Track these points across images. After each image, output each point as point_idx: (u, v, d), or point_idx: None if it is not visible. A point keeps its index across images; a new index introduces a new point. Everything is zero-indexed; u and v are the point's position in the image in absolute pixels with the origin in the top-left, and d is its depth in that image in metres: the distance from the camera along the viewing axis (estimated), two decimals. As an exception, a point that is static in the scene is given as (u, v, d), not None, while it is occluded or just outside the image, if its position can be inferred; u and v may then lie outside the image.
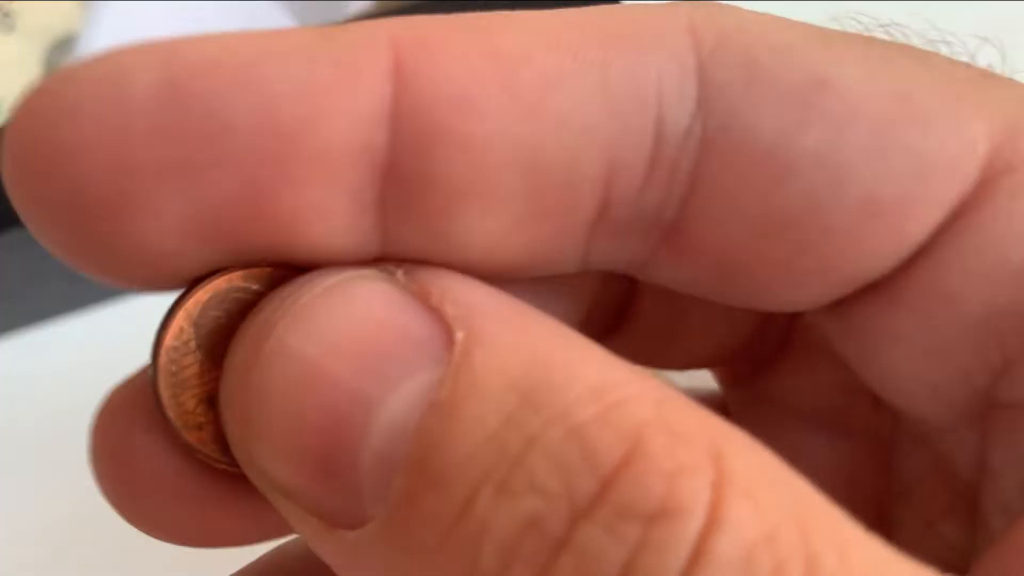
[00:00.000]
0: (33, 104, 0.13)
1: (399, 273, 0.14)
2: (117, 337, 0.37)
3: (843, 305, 0.16)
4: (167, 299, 0.15)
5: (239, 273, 0.15)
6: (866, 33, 0.16)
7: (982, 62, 0.15)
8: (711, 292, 0.16)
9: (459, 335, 0.13)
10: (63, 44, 0.39)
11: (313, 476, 0.14)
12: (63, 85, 0.13)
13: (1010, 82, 0.15)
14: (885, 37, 0.16)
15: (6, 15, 0.38)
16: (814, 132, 0.14)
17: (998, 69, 0.15)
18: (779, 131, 0.14)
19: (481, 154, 0.14)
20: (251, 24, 0.40)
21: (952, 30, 0.32)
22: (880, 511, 0.18)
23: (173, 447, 0.15)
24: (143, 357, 0.17)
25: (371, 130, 0.13)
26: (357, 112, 0.13)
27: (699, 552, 0.12)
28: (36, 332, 0.38)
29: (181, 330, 0.15)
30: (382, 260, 0.14)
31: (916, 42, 0.16)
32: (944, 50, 0.16)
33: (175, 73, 0.13)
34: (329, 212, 0.14)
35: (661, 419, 0.12)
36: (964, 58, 0.15)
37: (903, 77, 0.14)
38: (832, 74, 0.14)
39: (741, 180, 0.14)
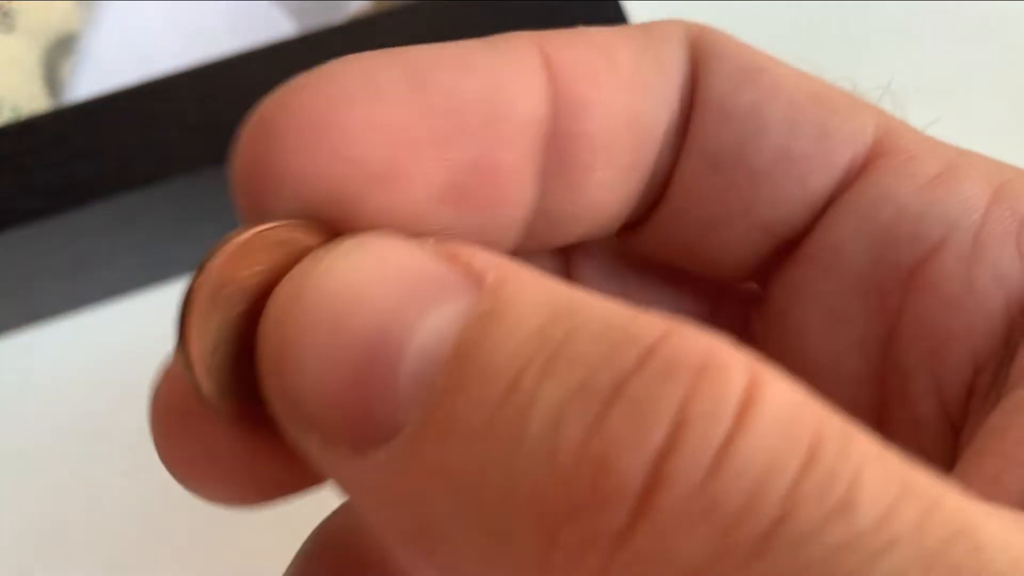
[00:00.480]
0: (292, 96, 0.16)
1: (430, 241, 0.16)
2: (116, 336, 0.37)
3: (766, 273, 0.20)
4: (167, 299, 0.15)
5: (275, 225, 0.16)
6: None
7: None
8: (680, 250, 0.20)
9: (489, 276, 0.15)
10: (63, 44, 0.39)
11: (349, 390, 0.14)
12: (323, 80, 0.16)
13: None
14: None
15: (5, 15, 0.38)
16: (747, 95, 0.19)
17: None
18: (726, 92, 0.19)
19: (607, 116, 0.18)
20: (250, 24, 0.40)
21: (959, 25, 0.32)
22: None
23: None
24: (142, 356, 0.17)
25: (541, 105, 0.18)
26: (532, 94, 0.18)
27: (750, 399, 0.13)
28: (35, 331, 0.38)
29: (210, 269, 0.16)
30: (419, 237, 0.16)
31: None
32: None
33: (416, 66, 0.17)
34: (523, 170, 0.18)
35: (681, 322, 0.14)
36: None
37: (818, 81, 0.19)
38: (768, 67, 0.19)
39: (701, 127, 0.19)
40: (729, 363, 0.13)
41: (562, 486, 0.13)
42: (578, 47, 0.18)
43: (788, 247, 0.19)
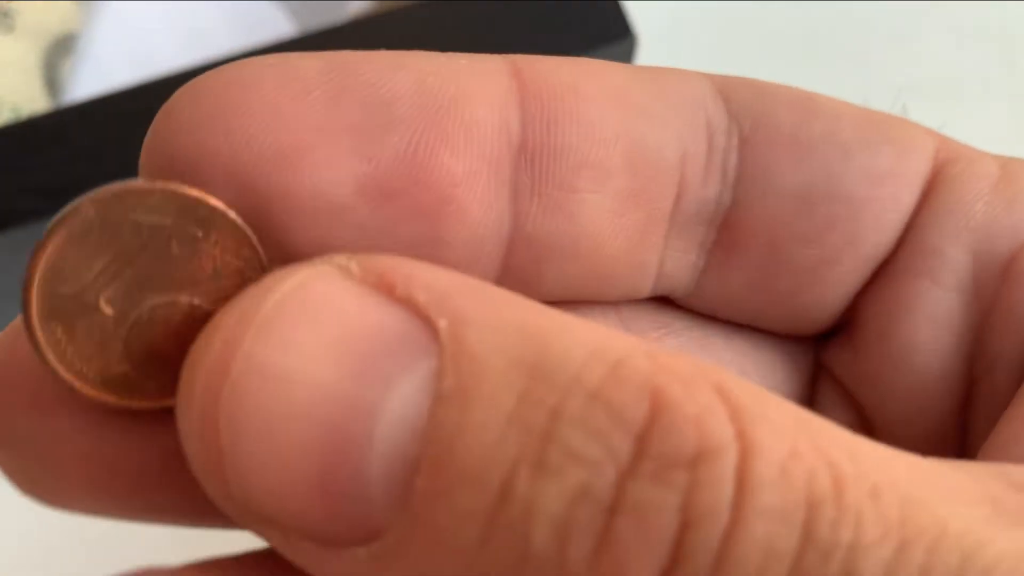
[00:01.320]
0: (204, 80, 0.15)
1: (352, 264, 0.14)
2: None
3: (859, 311, 0.19)
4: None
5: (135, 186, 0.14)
6: None
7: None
8: (762, 305, 0.19)
9: (442, 323, 0.13)
10: (62, 44, 0.39)
11: (311, 497, 0.13)
12: (235, 66, 0.15)
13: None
14: None
15: (5, 15, 0.38)
16: (818, 123, 0.18)
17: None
18: (793, 123, 0.18)
19: (592, 129, 0.17)
20: (251, 25, 0.40)
21: (960, 28, 0.32)
22: None
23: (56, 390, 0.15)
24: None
25: (505, 111, 0.16)
26: (493, 96, 0.16)
27: (742, 480, 0.12)
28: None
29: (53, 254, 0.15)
30: (341, 255, 0.14)
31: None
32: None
33: (337, 60, 0.16)
34: (477, 180, 0.16)
35: (663, 368, 0.13)
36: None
37: (849, 104, 0.19)
38: (812, 95, 0.18)
39: (775, 163, 0.18)
40: (719, 442, 0.12)
41: None
42: (557, 64, 0.17)
43: (879, 267, 0.19)
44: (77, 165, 0.32)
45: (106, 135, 0.32)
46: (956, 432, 0.19)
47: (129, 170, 0.34)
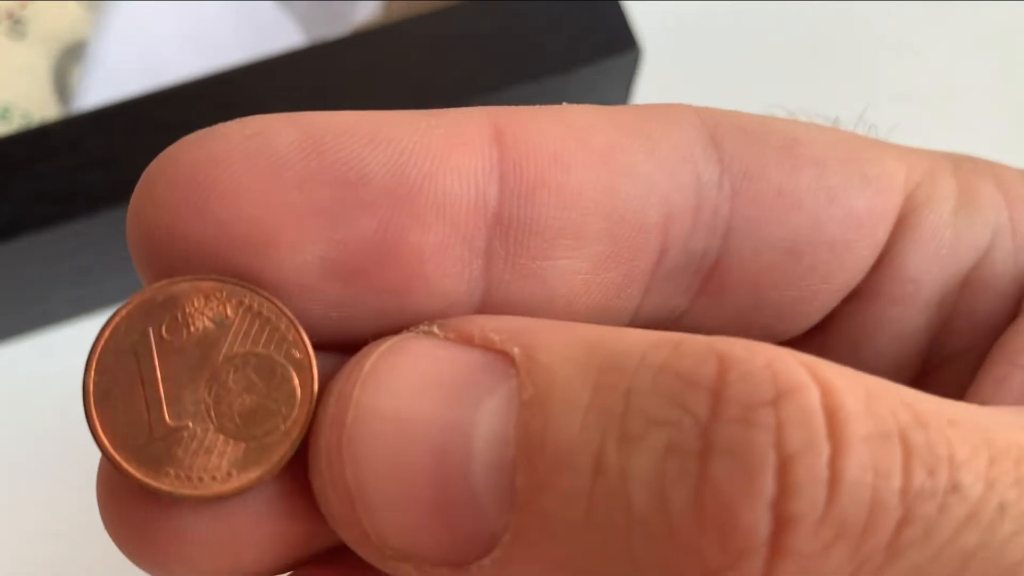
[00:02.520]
0: (179, 153, 0.16)
1: (433, 328, 0.16)
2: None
3: (829, 320, 0.20)
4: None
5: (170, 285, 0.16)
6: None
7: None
8: (740, 330, 0.19)
9: (515, 350, 0.14)
10: (73, 51, 0.39)
11: (434, 516, 0.14)
12: (209, 138, 0.16)
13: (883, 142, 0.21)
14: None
15: (17, 22, 0.38)
16: (805, 172, 0.18)
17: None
18: (782, 175, 0.18)
19: (571, 200, 0.17)
20: (260, 32, 0.40)
21: (958, 35, 0.32)
22: None
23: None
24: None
25: (482, 184, 0.16)
26: (470, 169, 0.16)
27: (833, 413, 0.13)
28: (44, 336, 0.38)
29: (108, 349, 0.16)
30: (424, 323, 0.16)
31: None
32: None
33: (315, 132, 0.16)
34: (447, 255, 0.16)
35: (722, 339, 0.14)
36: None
37: (835, 133, 0.19)
38: (797, 134, 0.19)
39: (765, 216, 0.18)
40: (797, 382, 0.13)
41: (691, 555, 0.13)
42: (543, 124, 0.17)
43: (850, 297, 0.20)
44: (87, 172, 0.32)
45: (116, 142, 0.32)
46: None
47: (139, 176, 0.34)
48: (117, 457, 0.15)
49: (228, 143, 0.15)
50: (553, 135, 0.17)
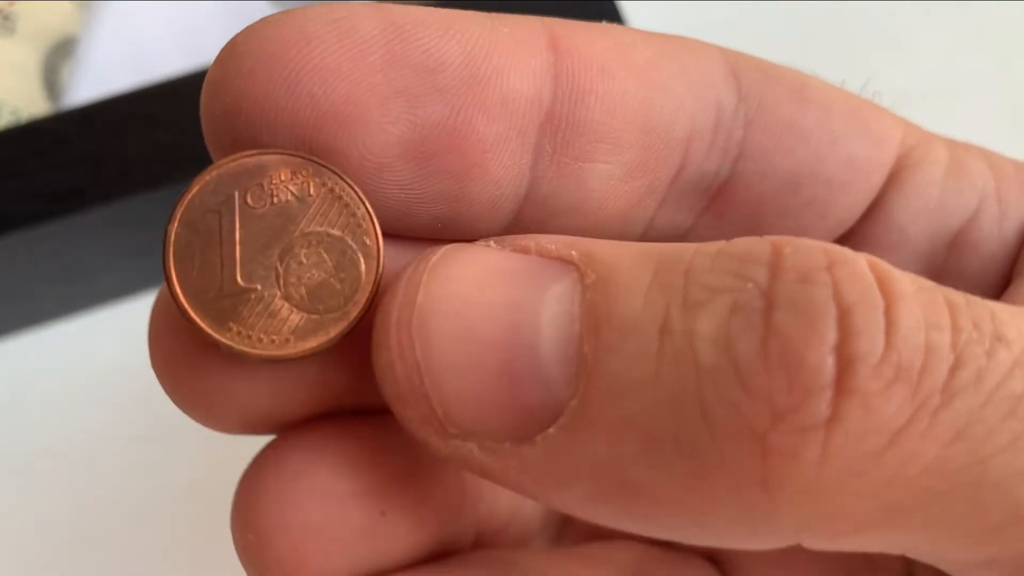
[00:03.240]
0: (269, 30, 0.16)
1: (492, 242, 0.16)
2: (115, 340, 0.37)
3: None
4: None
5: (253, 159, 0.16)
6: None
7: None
8: None
9: (572, 253, 0.15)
10: (62, 47, 0.39)
11: (499, 391, 0.15)
12: (298, 17, 0.16)
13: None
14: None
15: (6, 18, 0.38)
16: (812, 112, 0.20)
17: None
18: (793, 111, 0.19)
19: (614, 107, 0.18)
20: (250, 28, 0.40)
21: (954, 33, 0.32)
22: None
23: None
24: (141, 361, 0.17)
25: (539, 84, 0.18)
26: (530, 69, 0.17)
27: (882, 277, 0.14)
28: (34, 335, 0.38)
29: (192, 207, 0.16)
30: (482, 239, 0.17)
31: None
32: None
33: (396, 20, 0.17)
34: (505, 146, 0.17)
35: (774, 237, 0.15)
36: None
37: (842, 89, 0.21)
38: (808, 81, 0.20)
39: (773, 146, 0.20)
40: (847, 255, 0.14)
41: (759, 397, 0.14)
42: (592, 36, 0.18)
43: (844, 236, 0.21)
44: (77, 168, 0.32)
45: (106, 138, 0.32)
46: None
47: (128, 173, 0.34)
48: (186, 305, 0.16)
49: (318, 23, 0.16)
50: (601, 47, 0.18)
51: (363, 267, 0.17)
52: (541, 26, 0.18)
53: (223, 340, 0.16)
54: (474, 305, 0.15)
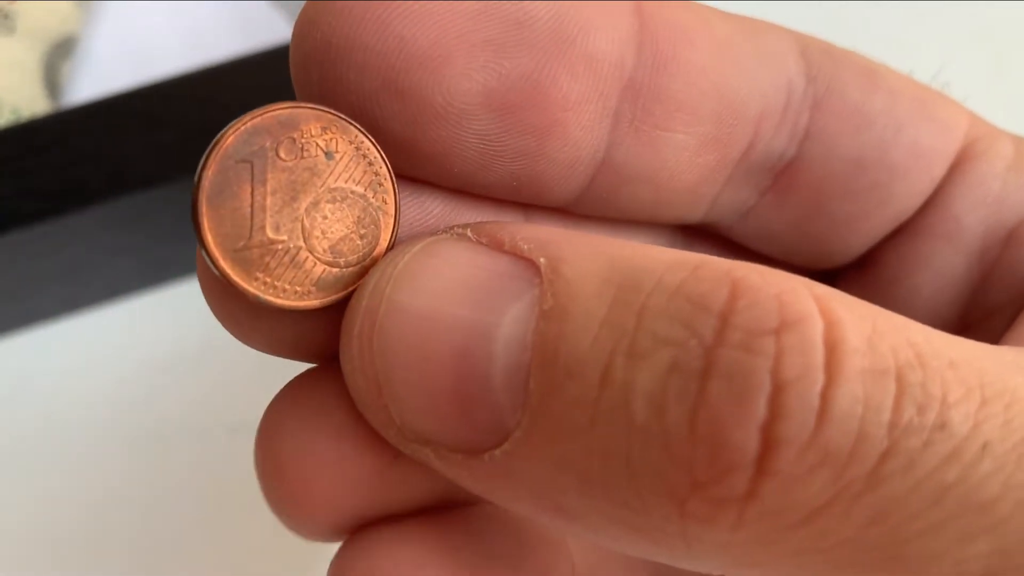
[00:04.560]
0: None
1: (468, 231, 0.16)
2: (116, 338, 0.37)
3: (874, 253, 0.21)
4: (166, 302, 0.16)
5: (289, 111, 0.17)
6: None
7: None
8: (793, 242, 0.21)
9: (541, 260, 0.15)
10: (62, 46, 0.39)
11: (452, 409, 0.15)
12: None
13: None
14: None
15: (6, 17, 0.38)
16: (880, 97, 0.20)
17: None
18: (860, 95, 0.20)
19: (695, 77, 0.18)
20: (250, 27, 0.40)
21: (952, 32, 0.32)
22: None
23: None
24: (142, 358, 0.17)
25: (623, 48, 0.18)
26: (615, 32, 0.18)
27: (833, 346, 0.13)
28: (34, 333, 0.38)
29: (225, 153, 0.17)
30: (457, 226, 0.17)
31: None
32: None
33: None
34: (586, 107, 0.18)
35: (742, 266, 0.14)
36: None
37: (909, 78, 0.21)
38: (876, 67, 0.20)
39: (839, 129, 0.20)
40: (803, 314, 0.14)
41: (682, 466, 0.14)
42: (676, 7, 0.19)
43: (903, 224, 0.21)
44: (77, 167, 0.32)
45: (106, 137, 0.32)
46: None
47: (128, 172, 0.34)
48: (216, 253, 0.16)
49: None
50: (684, 18, 0.18)
51: (382, 224, 0.17)
52: None
53: (250, 290, 0.16)
54: (432, 322, 0.15)
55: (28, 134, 0.32)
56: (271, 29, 0.40)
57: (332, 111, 0.17)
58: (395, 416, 0.16)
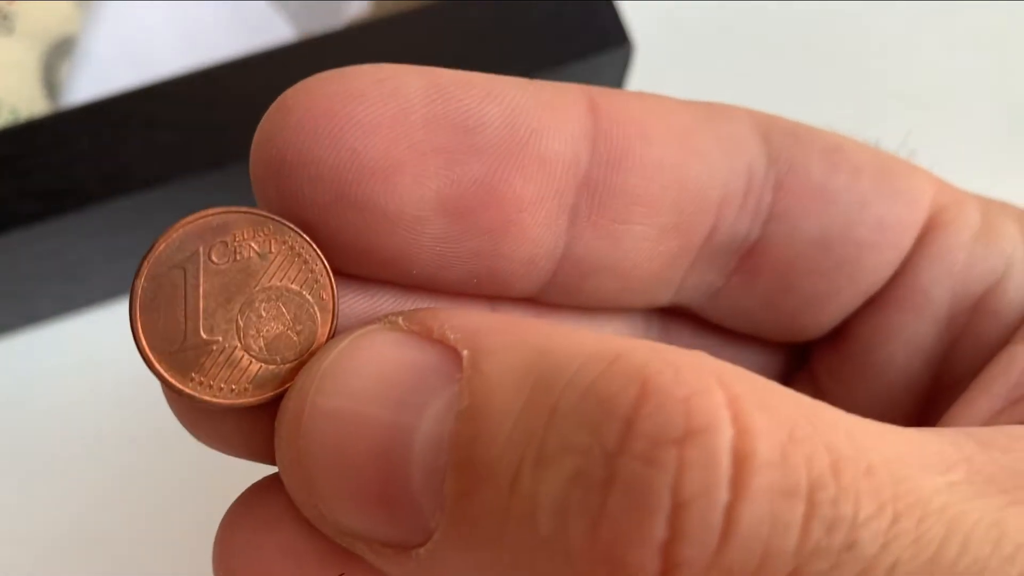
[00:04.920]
0: (317, 86, 0.17)
1: (400, 320, 0.16)
2: (114, 339, 0.37)
3: (847, 325, 0.21)
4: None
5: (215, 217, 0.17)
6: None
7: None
8: (765, 319, 0.21)
9: (465, 352, 0.15)
10: (62, 46, 0.39)
11: (376, 510, 0.15)
12: (346, 76, 0.17)
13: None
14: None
15: (5, 17, 0.38)
16: (842, 175, 0.20)
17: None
18: (822, 174, 0.20)
19: (651, 171, 0.19)
20: (249, 27, 0.40)
21: (956, 31, 0.32)
22: None
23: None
24: (138, 359, 0.17)
25: (577, 147, 0.18)
26: (570, 131, 0.18)
27: (741, 460, 0.13)
28: (33, 333, 0.38)
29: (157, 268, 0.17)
30: (392, 314, 0.17)
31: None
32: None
33: (440, 82, 0.17)
34: (541, 206, 0.18)
35: (660, 358, 0.14)
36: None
37: (871, 148, 0.21)
38: (839, 143, 0.20)
39: (802, 208, 0.20)
40: (711, 422, 0.13)
41: None
42: (630, 102, 0.19)
43: (867, 304, 0.21)
44: (76, 167, 0.32)
45: (105, 137, 0.32)
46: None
47: (127, 172, 0.34)
48: (151, 356, 0.17)
49: (363, 82, 0.17)
50: (639, 112, 0.19)
51: (319, 320, 0.17)
52: (581, 92, 0.19)
53: (185, 390, 0.17)
54: (353, 424, 0.15)
55: (27, 134, 0.32)
56: (270, 29, 0.40)
57: (265, 213, 0.17)
58: (326, 514, 0.16)
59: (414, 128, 0.17)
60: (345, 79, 0.17)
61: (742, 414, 0.13)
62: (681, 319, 0.22)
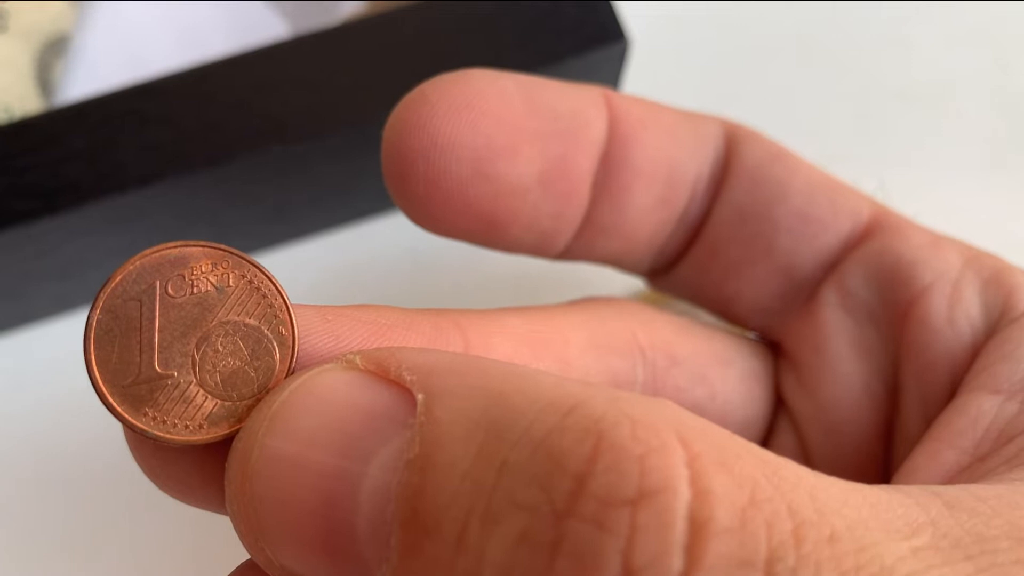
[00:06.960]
0: (449, 84, 0.22)
1: (357, 358, 0.16)
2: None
3: (798, 322, 0.24)
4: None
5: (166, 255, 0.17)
6: None
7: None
8: (710, 292, 0.25)
9: (419, 396, 0.15)
10: (55, 45, 0.39)
11: (320, 558, 0.15)
12: (470, 77, 0.22)
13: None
14: None
15: (-2, 15, 0.38)
16: (776, 169, 0.24)
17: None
18: (759, 164, 0.24)
19: (651, 152, 0.23)
20: (244, 26, 0.40)
21: (952, 30, 0.32)
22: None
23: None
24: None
25: (604, 130, 0.23)
26: (601, 120, 0.23)
27: (698, 524, 0.12)
28: (27, 332, 0.38)
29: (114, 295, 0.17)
30: (350, 352, 0.17)
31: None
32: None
33: (523, 83, 0.22)
34: (588, 177, 0.23)
35: (617, 410, 0.13)
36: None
37: (824, 171, 0.25)
38: (788, 153, 0.24)
39: (734, 187, 0.24)
40: (666, 483, 0.12)
41: None
42: (631, 101, 0.24)
43: (807, 296, 0.24)
44: (69, 166, 0.32)
45: (99, 136, 0.32)
46: (882, 444, 0.23)
47: (122, 170, 0.34)
48: (104, 389, 0.16)
49: (481, 82, 0.22)
50: (638, 108, 0.24)
51: (277, 355, 0.17)
52: (598, 90, 0.23)
53: (138, 425, 0.16)
54: (300, 469, 0.15)
55: (21, 133, 0.32)
56: (265, 27, 0.40)
57: (223, 247, 0.17)
58: (274, 560, 0.15)
59: (521, 117, 0.22)
60: (469, 80, 0.22)
61: (701, 475, 0.12)
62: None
